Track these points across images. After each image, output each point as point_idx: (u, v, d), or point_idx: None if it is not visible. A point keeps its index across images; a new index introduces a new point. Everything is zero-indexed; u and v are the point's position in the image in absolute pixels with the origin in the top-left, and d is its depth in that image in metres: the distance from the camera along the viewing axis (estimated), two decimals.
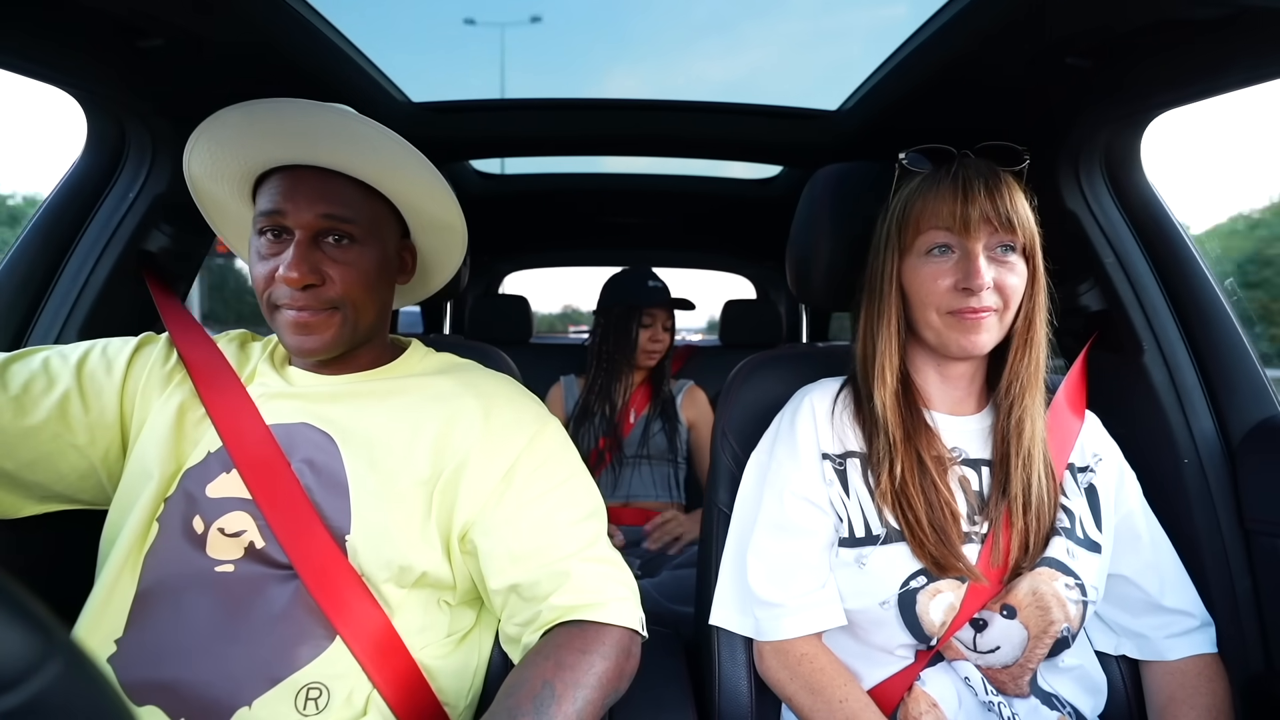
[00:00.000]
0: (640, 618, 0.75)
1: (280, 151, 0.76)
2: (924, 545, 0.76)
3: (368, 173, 0.77)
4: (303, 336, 0.76)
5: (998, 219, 0.76)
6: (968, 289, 0.76)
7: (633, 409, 1.87)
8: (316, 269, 0.74)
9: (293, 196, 0.75)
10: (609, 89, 1.62)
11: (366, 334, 0.82)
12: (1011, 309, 0.79)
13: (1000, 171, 0.79)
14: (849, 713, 0.75)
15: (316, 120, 0.73)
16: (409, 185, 0.80)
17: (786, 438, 0.88)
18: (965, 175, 0.78)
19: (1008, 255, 0.78)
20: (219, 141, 0.77)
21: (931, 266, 0.79)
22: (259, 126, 0.74)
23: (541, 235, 2.62)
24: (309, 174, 0.76)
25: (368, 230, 0.78)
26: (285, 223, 0.75)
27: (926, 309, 0.80)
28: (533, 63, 1.54)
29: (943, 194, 0.78)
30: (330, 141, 0.74)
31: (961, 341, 0.79)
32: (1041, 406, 0.83)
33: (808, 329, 2.78)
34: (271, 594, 0.68)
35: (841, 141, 1.35)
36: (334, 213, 0.75)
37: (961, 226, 0.77)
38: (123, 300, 1.02)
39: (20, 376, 0.74)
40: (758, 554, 0.84)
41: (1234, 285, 1.02)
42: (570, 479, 0.80)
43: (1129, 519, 0.86)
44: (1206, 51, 0.77)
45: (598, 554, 0.76)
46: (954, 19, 0.89)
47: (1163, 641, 0.83)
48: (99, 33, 0.80)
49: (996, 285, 0.77)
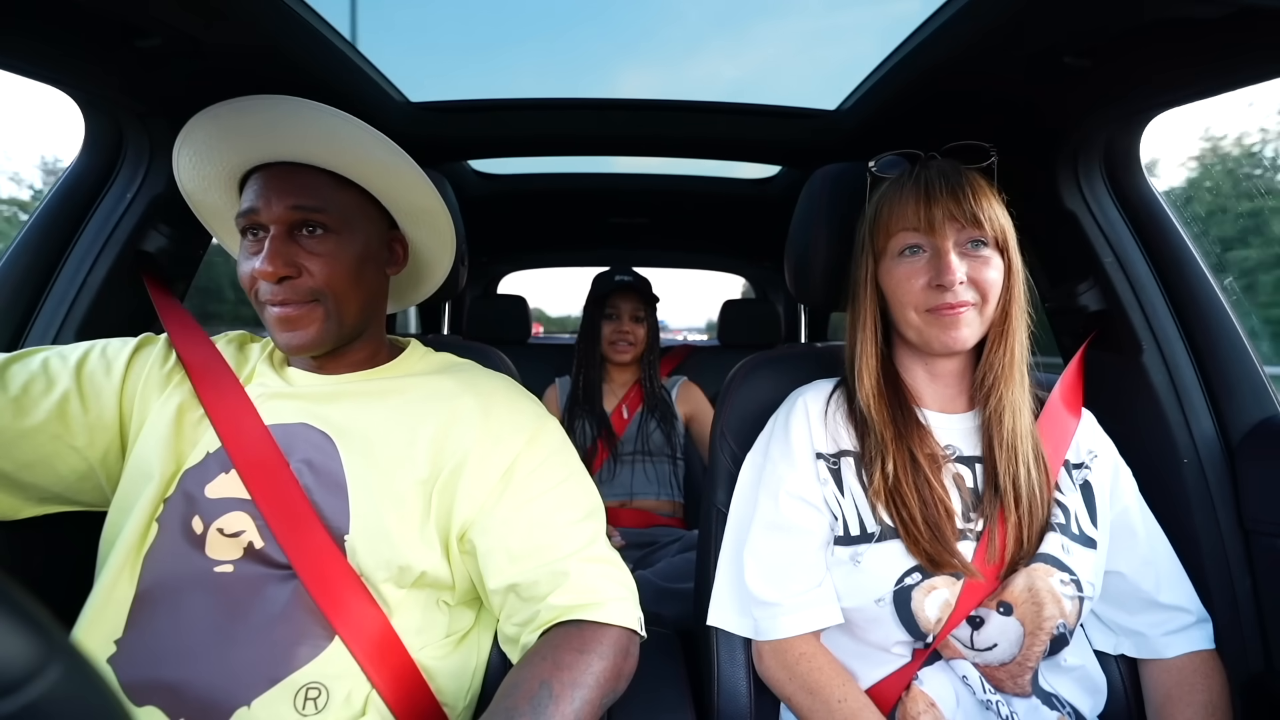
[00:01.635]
0: (639, 618, 0.75)
1: (250, 150, 0.76)
2: (918, 542, 0.77)
3: (330, 160, 0.77)
4: (289, 333, 0.76)
5: (962, 216, 0.78)
6: (941, 285, 0.78)
7: (625, 406, 1.88)
8: (292, 262, 0.74)
9: (264, 193, 0.76)
10: (609, 91, 1.61)
11: (355, 327, 0.81)
12: (990, 303, 0.80)
13: (965, 170, 0.81)
14: (847, 712, 0.76)
15: (277, 115, 0.74)
16: (373, 169, 0.79)
17: (780, 438, 0.88)
18: (927, 176, 0.81)
19: (980, 250, 0.79)
20: (197, 149, 0.78)
21: (905, 267, 0.81)
22: (226, 127, 0.75)
23: (540, 235, 2.62)
24: (280, 169, 0.77)
25: (342, 220, 0.78)
26: (259, 219, 0.75)
27: (905, 309, 0.82)
28: (533, 64, 1.54)
29: (907, 196, 0.81)
30: (290, 134, 0.75)
31: (942, 338, 0.80)
32: (1023, 399, 0.83)
33: (806, 329, 2.78)
34: (270, 594, 0.68)
35: (840, 141, 1.35)
36: (303, 203, 0.75)
37: (927, 225, 0.79)
38: (120, 301, 1.02)
39: (19, 377, 0.74)
40: (754, 554, 0.85)
41: (1233, 284, 1.02)
42: (569, 479, 0.80)
43: (1125, 515, 0.86)
44: (1206, 51, 0.77)
45: (596, 554, 0.76)
46: (953, 18, 0.89)
47: (1160, 639, 0.83)
48: (97, 33, 0.80)
49: (971, 280, 0.79)
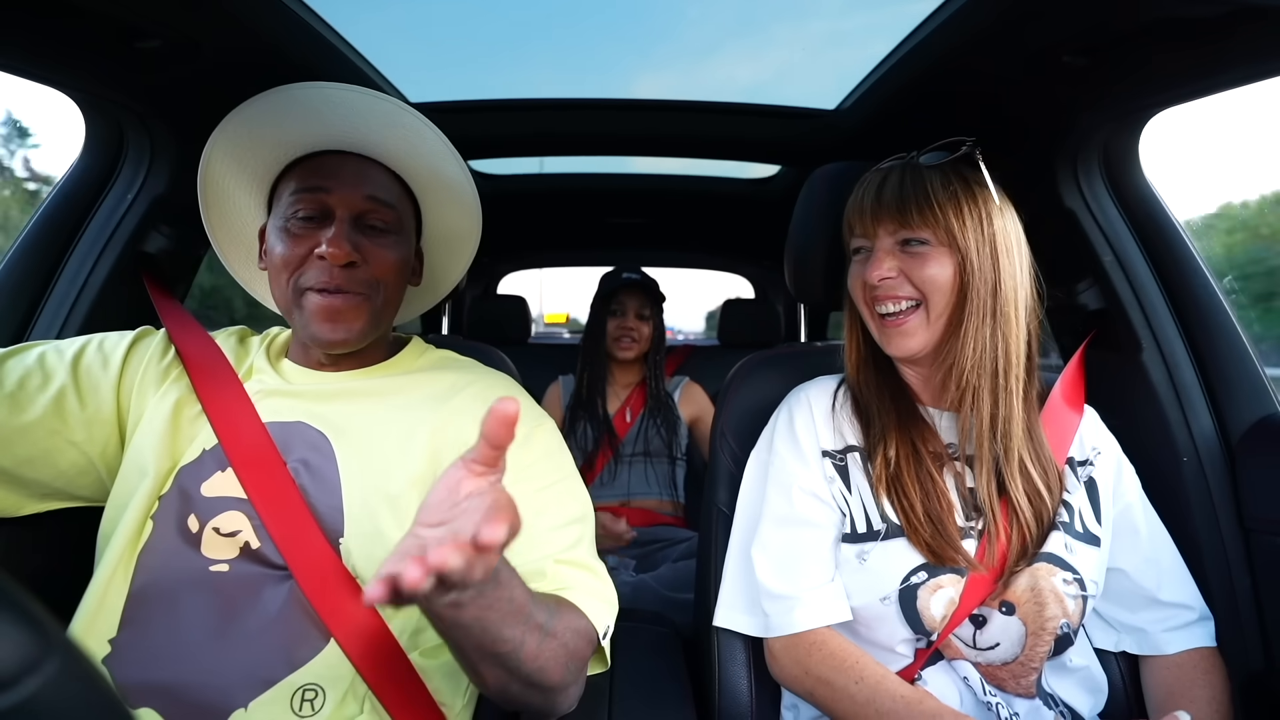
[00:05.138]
0: (607, 626, 0.72)
1: (327, 131, 0.75)
2: (920, 535, 0.76)
3: (409, 164, 0.77)
4: (332, 324, 0.74)
5: (897, 215, 0.78)
6: (868, 282, 0.79)
7: (628, 408, 1.88)
8: (357, 249, 0.74)
9: (337, 175, 0.75)
10: (621, 94, 1.62)
11: (383, 329, 0.82)
12: (935, 301, 0.78)
13: (925, 169, 0.80)
14: (867, 691, 0.74)
15: (363, 104, 0.73)
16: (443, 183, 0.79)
17: (786, 434, 0.88)
18: (884, 177, 0.81)
19: (918, 248, 0.79)
20: (257, 120, 0.76)
21: (855, 268, 0.84)
22: (303, 105, 0.73)
23: (540, 235, 2.62)
24: (351, 158, 0.77)
25: (399, 222, 0.79)
26: (328, 200, 0.74)
27: (859, 305, 0.85)
28: (538, 66, 1.54)
29: (860, 199, 0.82)
30: (378, 127, 0.74)
31: (890, 345, 0.82)
32: (1004, 400, 0.78)
33: (806, 328, 2.78)
34: (266, 595, 0.68)
35: (840, 141, 1.35)
36: (377, 195, 0.75)
37: (864, 227, 0.81)
38: (121, 302, 1.02)
39: (15, 372, 0.73)
40: (763, 548, 0.84)
41: (1232, 283, 1.02)
42: (559, 482, 0.79)
43: (1127, 512, 0.86)
44: (1205, 50, 0.77)
45: (576, 558, 0.74)
46: (952, 17, 0.89)
47: (1161, 635, 0.83)
48: (97, 35, 0.80)
49: (908, 277, 0.78)
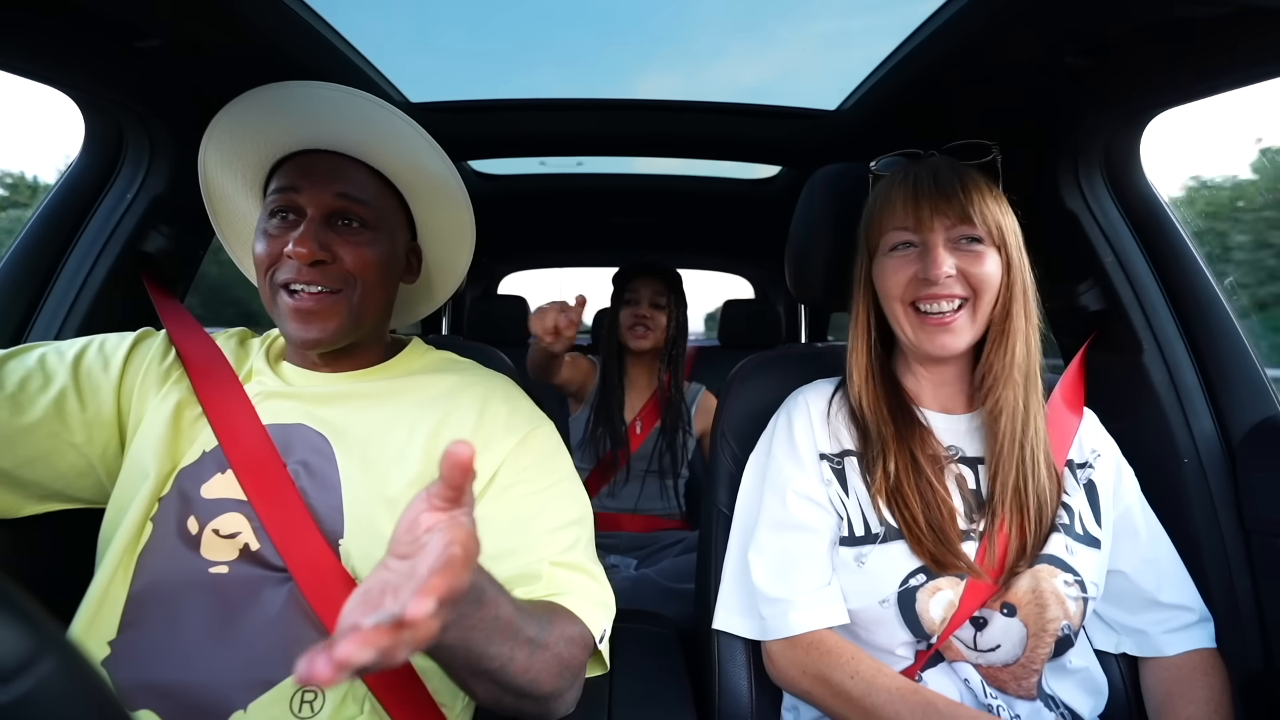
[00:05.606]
0: (604, 630, 0.72)
1: (303, 131, 0.75)
2: (922, 543, 0.76)
3: (387, 160, 0.77)
4: (305, 325, 0.75)
5: (951, 211, 0.78)
6: (926, 279, 0.78)
7: (640, 420, 1.77)
8: (326, 246, 0.73)
9: (309, 174, 0.75)
10: (624, 95, 1.62)
11: (367, 328, 0.81)
12: (985, 300, 0.79)
13: (960, 166, 0.81)
14: (862, 686, 0.74)
15: (341, 103, 0.73)
16: (426, 179, 0.79)
17: (784, 438, 0.88)
18: (917, 173, 0.81)
19: (973, 245, 0.79)
20: (242, 121, 0.76)
21: (894, 262, 0.82)
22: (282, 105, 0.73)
23: (540, 236, 2.62)
24: (326, 156, 0.77)
25: (378, 219, 0.78)
26: (299, 200, 0.74)
27: (892, 302, 0.82)
28: (540, 66, 1.54)
29: (897, 193, 0.81)
30: (354, 125, 0.74)
31: (931, 344, 0.80)
32: (1030, 400, 0.80)
33: (807, 329, 2.78)
34: (266, 597, 0.68)
35: (840, 141, 1.35)
36: (349, 193, 0.75)
37: (915, 221, 0.79)
38: (120, 302, 1.01)
39: (16, 374, 0.73)
40: (760, 551, 0.84)
41: (1234, 284, 1.02)
42: (557, 484, 0.78)
43: (1127, 514, 0.86)
44: (1206, 51, 0.77)
45: (573, 560, 0.74)
46: (953, 18, 0.89)
47: (1161, 637, 0.83)
48: (97, 34, 0.80)
49: (963, 274, 0.78)
